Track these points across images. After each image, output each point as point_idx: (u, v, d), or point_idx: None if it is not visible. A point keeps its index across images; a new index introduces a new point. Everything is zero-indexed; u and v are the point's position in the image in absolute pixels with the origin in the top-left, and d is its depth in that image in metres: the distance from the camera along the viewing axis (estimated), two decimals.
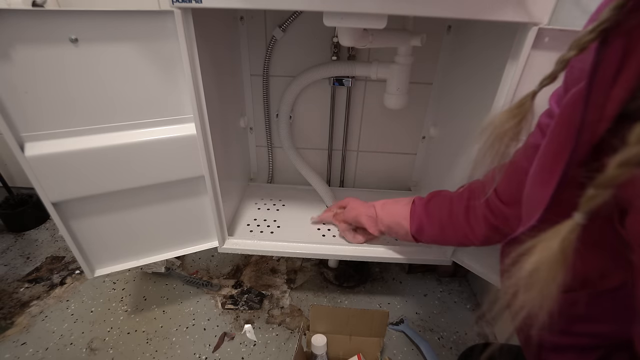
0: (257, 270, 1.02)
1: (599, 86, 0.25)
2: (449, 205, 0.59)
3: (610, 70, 0.25)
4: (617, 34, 0.24)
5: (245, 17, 0.80)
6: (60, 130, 0.55)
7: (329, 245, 0.78)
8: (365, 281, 0.98)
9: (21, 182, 1.22)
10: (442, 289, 0.98)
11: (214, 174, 0.67)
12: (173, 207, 0.70)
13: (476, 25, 0.68)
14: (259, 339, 0.83)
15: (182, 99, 0.59)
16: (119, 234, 0.69)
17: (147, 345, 0.81)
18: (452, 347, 0.82)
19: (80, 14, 0.48)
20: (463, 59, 0.74)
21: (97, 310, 0.89)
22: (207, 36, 0.61)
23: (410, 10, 0.47)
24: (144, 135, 0.59)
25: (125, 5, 0.49)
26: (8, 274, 1.00)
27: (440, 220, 0.60)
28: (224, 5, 0.48)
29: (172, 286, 0.96)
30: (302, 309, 0.90)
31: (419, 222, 0.63)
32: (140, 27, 0.51)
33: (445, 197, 0.61)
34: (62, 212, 0.61)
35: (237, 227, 0.85)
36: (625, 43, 0.24)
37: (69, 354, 0.79)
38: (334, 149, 0.99)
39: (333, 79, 0.86)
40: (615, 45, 0.25)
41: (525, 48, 0.48)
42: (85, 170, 0.58)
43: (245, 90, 0.90)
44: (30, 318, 0.87)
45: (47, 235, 1.15)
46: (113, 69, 0.53)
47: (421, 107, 0.90)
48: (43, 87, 0.51)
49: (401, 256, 0.76)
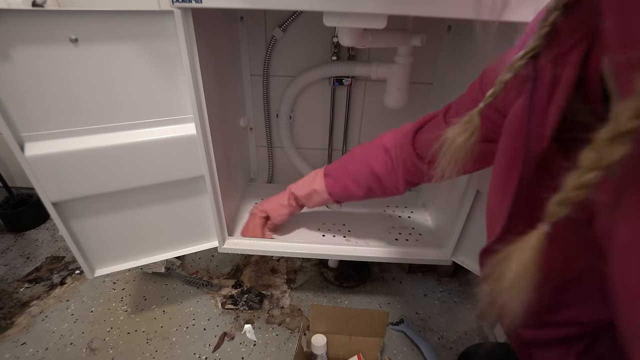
0: (257, 270, 1.02)
1: (537, 104, 0.27)
2: (361, 148, 0.65)
3: (545, 90, 0.27)
4: (546, 58, 0.27)
5: (245, 17, 0.80)
6: (60, 130, 0.55)
7: (329, 245, 0.78)
8: (365, 281, 0.98)
9: (21, 182, 1.22)
10: (442, 289, 0.98)
11: (214, 174, 0.67)
12: (173, 207, 0.70)
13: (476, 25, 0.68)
14: (259, 339, 0.83)
15: (182, 99, 0.59)
16: (119, 234, 0.68)
17: (147, 345, 0.81)
18: (452, 347, 0.82)
19: (80, 14, 0.48)
20: (463, 59, 0.74)
21: (97, 310, 0.89)
22: (207, 36, 0.61)
23: (410, 10, 0.47)
24: (144, 135, 0.59)
25: (125, 5, 0.49)
26: (8, 274, 1.00)
27: (350, 156, 0.67)
28: (224, 5, 0.48)
29: (172, 286, 0.96)
30: (302, 309, 0.90)
31: (332, 166, 0.70)
32: (140, 27, 0.51)
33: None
34: (62, 212, 0.61)
35: (237, 227, 0.85)
36: (553, 67, 0.26)
37: (69, 354, 0.79)
38: (334, 149, 0.98)
39: (333, 79, 0.86)
40: (545, 68, 0.27)
41: None
42: (85, 170, 0.58)
43: (245, 90, 0.90)
44: (30, 318, 0.87)
45: (47, 235, 1.15)
46: (113, 69, 0.53)
47: (421, 107, 0.90)
48: (43, 87, 0.51)
49: (401, 256, 0.76)
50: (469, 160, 0.35)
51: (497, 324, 0.84)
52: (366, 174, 0.63)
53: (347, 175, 0.66)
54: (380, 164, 0.60)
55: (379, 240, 0.81)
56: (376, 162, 0.61)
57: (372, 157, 0.62)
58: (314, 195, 0.72)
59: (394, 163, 0.59)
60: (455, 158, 0.34)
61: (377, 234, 0.83)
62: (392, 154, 0.59)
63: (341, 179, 0.67)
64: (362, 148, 0.65)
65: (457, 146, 0.34)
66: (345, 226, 0.86)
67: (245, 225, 0.84)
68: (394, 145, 0.58)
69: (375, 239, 0.81)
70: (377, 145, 0.62)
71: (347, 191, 0.67)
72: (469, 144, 0.33)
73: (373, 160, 0.61)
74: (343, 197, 0.70)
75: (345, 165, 0.67)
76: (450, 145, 0.34)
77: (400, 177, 0.58)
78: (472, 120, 0.33)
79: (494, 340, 0.84)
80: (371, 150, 0.62)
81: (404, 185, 0.60)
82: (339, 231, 0.84)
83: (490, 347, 0.56)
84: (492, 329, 0.86)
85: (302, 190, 0.73)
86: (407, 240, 0.82)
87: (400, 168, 0.58)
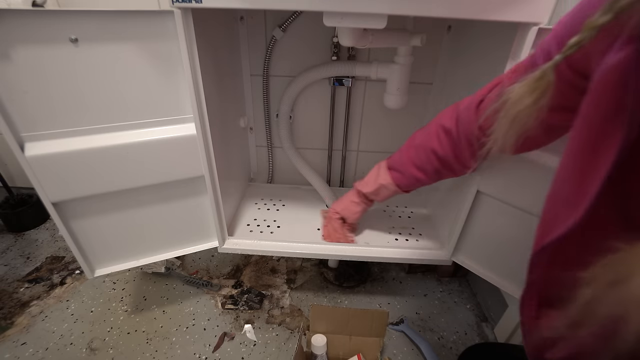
0: (257, 270, 1.02)
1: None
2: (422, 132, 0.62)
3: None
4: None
5: (245, 17, 0.80)
6: (60, 130, 0.55)
7: (329, 245, 0.78)
8: (365, 281, 0.98)
9: (21, 182, 1.22)
10: (442, 289, 0.98)
11: (214, 174, 0.67)
12: (173, 207, 0.70)
13: (476, 25, 0.68)
14: (259, 339, 0.83)
15: (182, 99, 0.59)
16: (119, 234, 0.68)
17: (147, 345, 0.81)
18: (452, 347, 0.82)
19: (80, 14, 0.48)
20: (463, 59, 0.74)
21: (97, 310, 0.89)
22: (207, 36, 0.61)
23: (410, 10, 0.47)
24: (144, 136, 0.59)
25: (125, 5, 0.49)
26: (8, 274, 1.00)
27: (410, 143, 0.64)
28: (224, 5, 0.48)
29: (172, 286, 0.96)
30: (302, 309, 0.90)
31: (393, 158, 0.68)
32: (140, 27, 0.51)
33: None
34: (62, 212, 0.61)
35: (237, 227, 0.85)
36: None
37: (69, 354, 0.79)
38: (334, 149, 0.98)
39: (333, 79, 0.86)
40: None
41: (525, 48, 0.49)
42: (85, 170, 0.58)
43: (245, 90, 0.90)
44: (30, 318, 0.87)
45: (47, 235, 1.15)
46: (113, 69, 0.53)
47: (421, 107, 0.90)
48: (43, 87, 0.51)
49: (401, 256, 0.76)
50: (534, 129, 0.28)
51: (497, 324, 0.84)
52: (430, 159, 0.60)
53: (411, 164, 0.63)
54: (442, 145, 0.57)
55: (379, 240, 0.81)
56: (438, 145, 0.57)
57: (432, 140, 0.58)
58: (383, 190, 0.70)
59: (457, 142, 0.54)
60: (519, 123, 0.28)
61: (377, 234, 0.83)
62: (453, 132, 0.54)
63: (406, 170, 0.65)
64: (421, 132, 0.62)
65: (523, 108, 0.28)
66: None
67: (325, 231, 0.81)
68: (454, 122, 0.54)
69: (375, 239, 0.81)
70: (435, 127, 0.58)
71: (416, 180, 0.64)
72: (538, 107, 0.27)
73: (434, 143, 0.58)
74: (413, 186, 0.67)
75: (407, 154, 0.65)
76: (514, 107, 0.28)
77: (466, 154, 0.54)
78: (544, 76, 0.27)
79: (494, 340, 0.84)
80: (430, 133, 0.59)
81: (472, 161, 0.55)
82: None
83: (490, 347, 0.56)
84: (492, 329, 0.86)
85: (369, 187, 0.71)
86: (407, 240, 0.82)
87: (464, 145, 0.53)
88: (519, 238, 0.61)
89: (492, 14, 0.47)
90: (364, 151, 0.99)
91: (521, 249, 0.62)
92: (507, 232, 0.63)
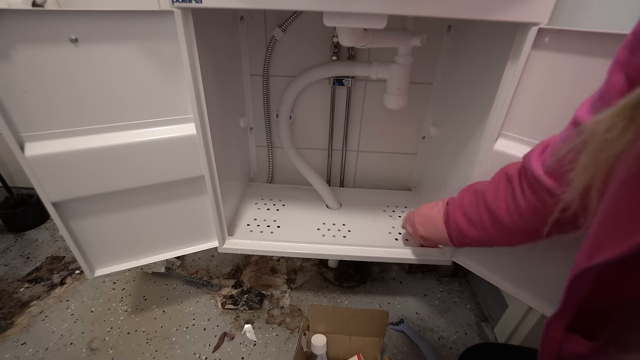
0: (257, 270, 1.02)
1: None
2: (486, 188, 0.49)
3: None
4: None
5: (245, 17, 0.80)
6: (60, 130, 0.55)
7: (329, 245, 0.78)
8: (365, 281, 0.98)
9: (21, 182, 1.22)
10: (442, 289, 0.98)
11: (214, 174, 0.67)
12: (173, 207, 0.70)
13: (476, 25, 0.68)
14: (259, 339, 0.83)
15: (182, 99, 0.59)
16: (119, 234, 0.68)
17: (147, 345, 0.81)
18: (452, 347, 0.82)
19: (80, 14, 0.48)
20: (463, 59, 0.74)
21: (97, 310, 0.89)
22: (207, 36, 0.61)
23: (410, 10, 0.47)
24: (144, 135, 0.59)
25: (125, 5, 0.49)
26: (8, 274, 1.00)
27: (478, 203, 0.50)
28: (224, 5, 0.48)
29: (172, 286, 0.96)
30: (302, 309, 0.90)
31: (456, 207, 0.54)
32: (140, 27, 0.51)
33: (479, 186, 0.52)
34: (62, 212, 0.61)
35: (237, 227, 0.85)
36: None
37: (69, 354, 0.79)
38: (334, 149, 0.99)
39: (333, 79, 0.86)
40: None
41: (526, 48, 0.48)
42: (85, 170, 0.58)
43: (245, 90, 0.90)
44: (30, 318, 0.87)
45: (47, 235, 1.15)
46: (113, 69, 0.53)
47: (421, 107, 0.90)
48: (43, 87, 0.51)
49: (401, 256, 0.76)
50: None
51: (497, 324, 0.84)
52: (481, 209, 0.48)
53: (461, 210, 0.52)
54: (495, 193, 0.46)
55: (379, 240, 0.81)
56: (491, 192, 0.47)
57: (488, 185, 0.49)
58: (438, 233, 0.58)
59: (516, 193, 0.43)
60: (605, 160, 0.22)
61: (377, 234, 0.83)
62: (515, 180, 0.44)
63: (453, 214, 0.54)
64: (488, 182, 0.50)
65: (618, 148, 0.22)
66: (345, 226, 0.85)
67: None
68: (517, 169, 0.44)
69: (375, 239, 0.81)
70: (499, 172, 0.48)
71: (460, 232, 0.53)
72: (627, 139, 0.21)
73: (489, 189, 0.48)
74: (460, 241, 0.55)
75: (462, 195, 0.54)
76: (604, 146, 0.22)
77: (524, 212, 0.43)
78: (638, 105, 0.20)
79: (494, 340, 0.84)
80: (492, 178, 0.49)
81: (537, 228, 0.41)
82: (339, 231, 0.84)
83: (490, 347, 0.56)
84: (492, 329, 0.86)
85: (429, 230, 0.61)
86: (407, 240, 0.81)
87: (523, 199, 0.42)
88: None
89: (492, 14, 0.47)
90: (364, 151, 0.99)
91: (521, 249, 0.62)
92: None
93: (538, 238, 0.44)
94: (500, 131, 0.56)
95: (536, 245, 0.47)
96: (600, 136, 0.22)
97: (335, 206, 0.93)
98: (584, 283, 0.27)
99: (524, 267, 0.62)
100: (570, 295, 0.28)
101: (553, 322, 0.31)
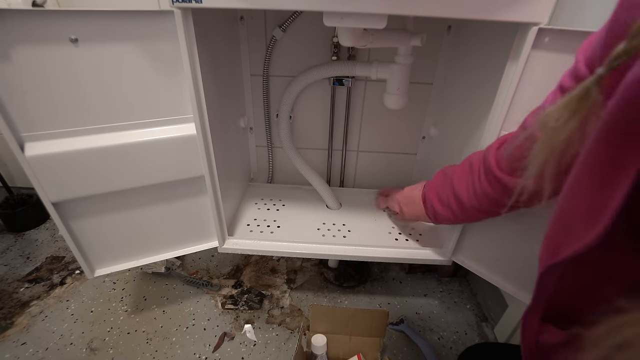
0: (257, 270, 1.02)
1: None
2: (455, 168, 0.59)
3: None
4: None
5: (245, 17, 0.80)
6: (60, 130, 0.55)
7: (329, 245, 0.78)
8: (365, 281, 0.98)
9: (21, 182, 1.22)
10: (442, 289, 0.98)
11: (214, 174, 0.67)
12: (173, 207, 0.70)
13: (476, 25, 0.68)
14: (259, 339, 0.83)
15: (182, 99, 0.59)
16: (119, 234, 0.69)
17: (147, 345, 0.81)
18: (452, 347, 0.82)
19: (80, 14, 0.48)
20: (463, 59, 0.74)
21: (97, 310, 0.89)
22: (207, 36, 0.61)
23: (410, 10, 0.47)
24: (144, 135, 0.59)
25: (125, 5, 0.49)
26: (8, 274, 1.00)
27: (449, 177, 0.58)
28: (224, 5, 0.48)
29: (172, 286, 0.96)
30: (302, 309, 0.90)
31: (431, 188, 0.64)
32: (140, 27, 0.51)
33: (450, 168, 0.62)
34: (62, 212, 0.61)
35: (237, 227, 0.85)
36: None
37: (69, 354, 0.79)
38: (334, 149, 0.99)
39: (333, 79, 0.86)
40: None
41: (525, 48, 0.48)
42: (85, 170, 0.58)
43: (245, 90, 0.90)
44: (30, 318, 0.87)
45: (47, 235, 1.15)
46: (113, 69, 0.53)
47: (421, 107, 0.90)
48: (43, 87, 0.51)
49: (401, 256, 0.76)
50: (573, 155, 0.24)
51: (497, 324, 0.85)
52: (448, 191, 0.57)
53: (434, 191, 0.62)
54: (460, 178, 0.54)
55: (379, 240, 0.81)
56: (457, 176, 0.55)
57: (456, 169, 0.57)
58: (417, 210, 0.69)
59: (474, 179, 0.51)
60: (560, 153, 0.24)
61: (377, 234, 0.83)
62: (475, 168, 0.52)
63: (429, 195, 0.64)
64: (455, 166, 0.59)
65: (566, 135, 0.23)
66: (345, 226, 0.86)
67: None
68: (479, 158, 0.52)
69: (375, 239, 0.81)
70: (466, 159, 0.56)
71: (434, 210, 0.62)
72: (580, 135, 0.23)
73: (455, 173, 0.56)
74: (435, 218, 0.64)
75: (436, 179, 0.63)
76: (554, 134, 0.24)
77: (480, 196, 0.51)
78: (587, 95, 0.22)
79: (494, 340, 0.84)
80: (461, 163, 0.57)
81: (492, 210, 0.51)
82: (339, 231, 0.84)
83: (490, 347, 0.56)
84: (492, 329, 0.86)
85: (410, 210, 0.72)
86: (407, 240, 0.81)
87: (479, 185, 0.50)
88: (520, 238, 0.61)
89: (493, 14, 0.47)
90: (364, 151, 0.99)
91: (521, 249, 0.62)
92: (507, 231, 0.63)
93: (496, 215, 0.53)
94: (500, 131, 0.56)
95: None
96: (550, 125, 0.24)
97: (335, 206, 0.93)
98: (550, 277, 0.28)
99: (524, 267, 0.62)
100: (540, 289, 0.30)
101: (529, 314, 0.32)
